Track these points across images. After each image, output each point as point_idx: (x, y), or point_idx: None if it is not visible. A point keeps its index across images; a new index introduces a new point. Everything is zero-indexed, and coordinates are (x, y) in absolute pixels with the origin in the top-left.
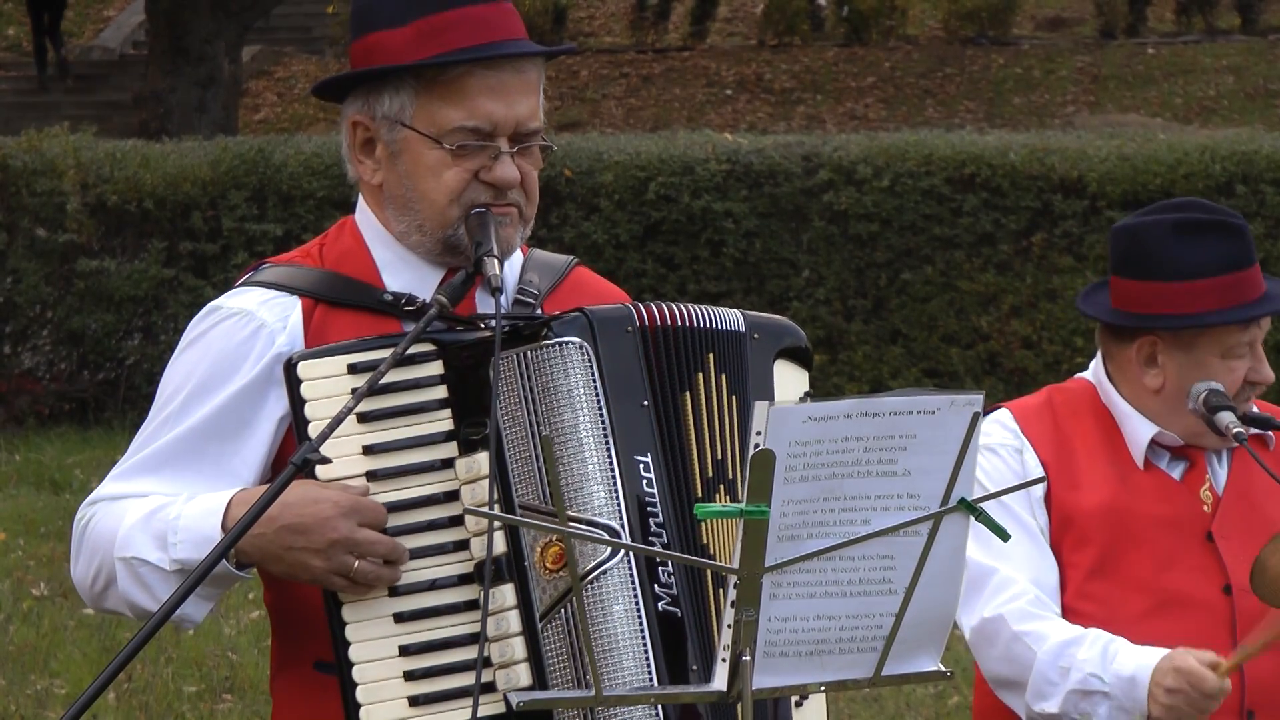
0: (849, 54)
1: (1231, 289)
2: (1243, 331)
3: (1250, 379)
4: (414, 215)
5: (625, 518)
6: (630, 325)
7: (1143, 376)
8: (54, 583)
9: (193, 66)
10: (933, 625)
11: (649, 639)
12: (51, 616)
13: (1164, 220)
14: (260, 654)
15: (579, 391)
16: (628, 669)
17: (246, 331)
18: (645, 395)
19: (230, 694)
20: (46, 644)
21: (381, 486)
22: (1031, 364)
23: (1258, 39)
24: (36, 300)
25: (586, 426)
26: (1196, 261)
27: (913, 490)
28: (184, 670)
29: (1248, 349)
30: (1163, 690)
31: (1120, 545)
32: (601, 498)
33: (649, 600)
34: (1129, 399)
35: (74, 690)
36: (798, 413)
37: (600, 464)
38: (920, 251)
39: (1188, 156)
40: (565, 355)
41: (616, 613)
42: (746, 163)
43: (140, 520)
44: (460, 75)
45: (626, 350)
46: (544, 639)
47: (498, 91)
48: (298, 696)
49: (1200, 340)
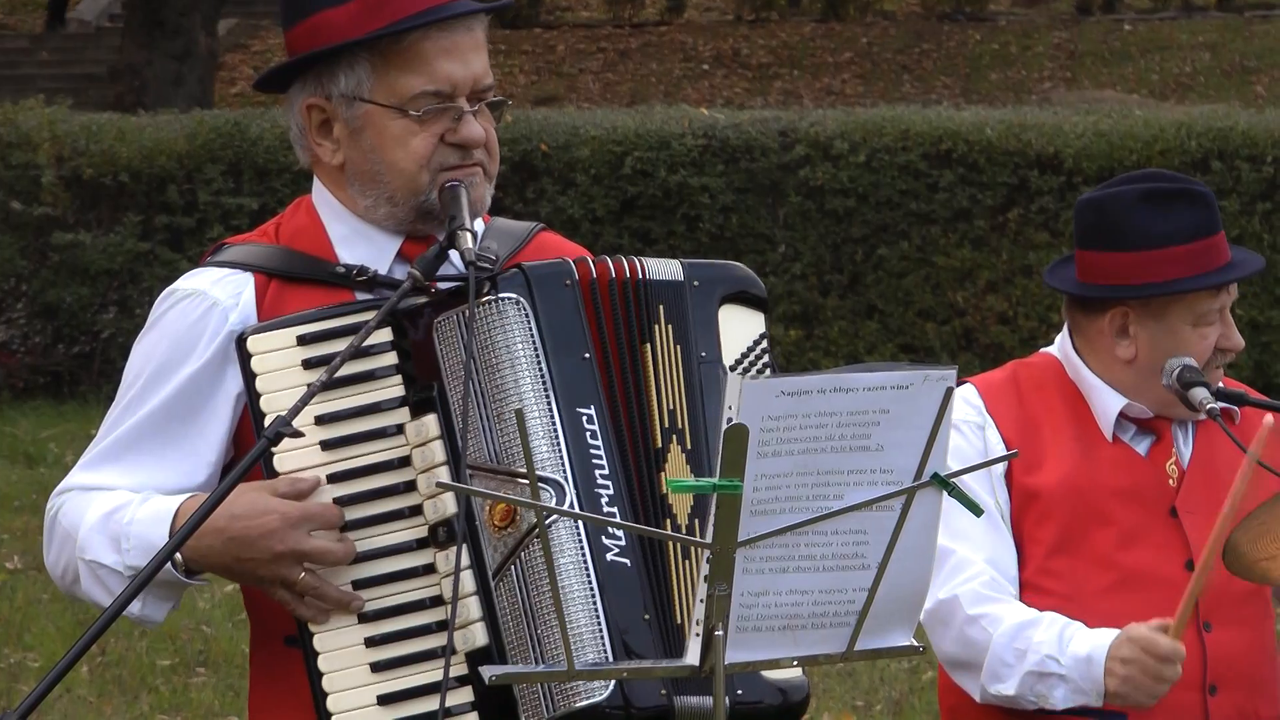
0: (826, 29)
1: (1201, 256)
2: (1213, 298)
3: (1221, 345)
4: (383, 188)
5: (568, 471)
6: (569, 279)
7: (1114, 348)
8: (28, 556)
9: (169, 40)
10: (905, 600)
11: (597, 590)
12: (25, 590)
13: (1130, 191)
14: (235, 628)
15: (518, 347)
16: (579, 623)
17: (199, 311)
18: (587, 348)
19: (204, 668)
20: (20, 618)
21: (334, 455)
22: (1007, 339)
23: (1234, 16)
24: (11, 273)
25: (526, 381)
26: (1165, 230)
27: (886, 465)
28: (158, 644)
29: (1218, 315)
30: (1118, 662)
31: (1083, 521)
32: (545, 452)
33: (597, 551)
34: (1098, 372)
35: (48, 664)
36: (771, 387)
37: (542, 418)
38: (896, 227)
39: (1164, 133)
40: (502, 312)
41: (564, 565)
42: (723, 138)
43: (98, 521)
44: (415, 41)
45: (565, 304)
46: (497, 598)
47: (453, 52)
48: (271, 672)
49: (1172, 308)
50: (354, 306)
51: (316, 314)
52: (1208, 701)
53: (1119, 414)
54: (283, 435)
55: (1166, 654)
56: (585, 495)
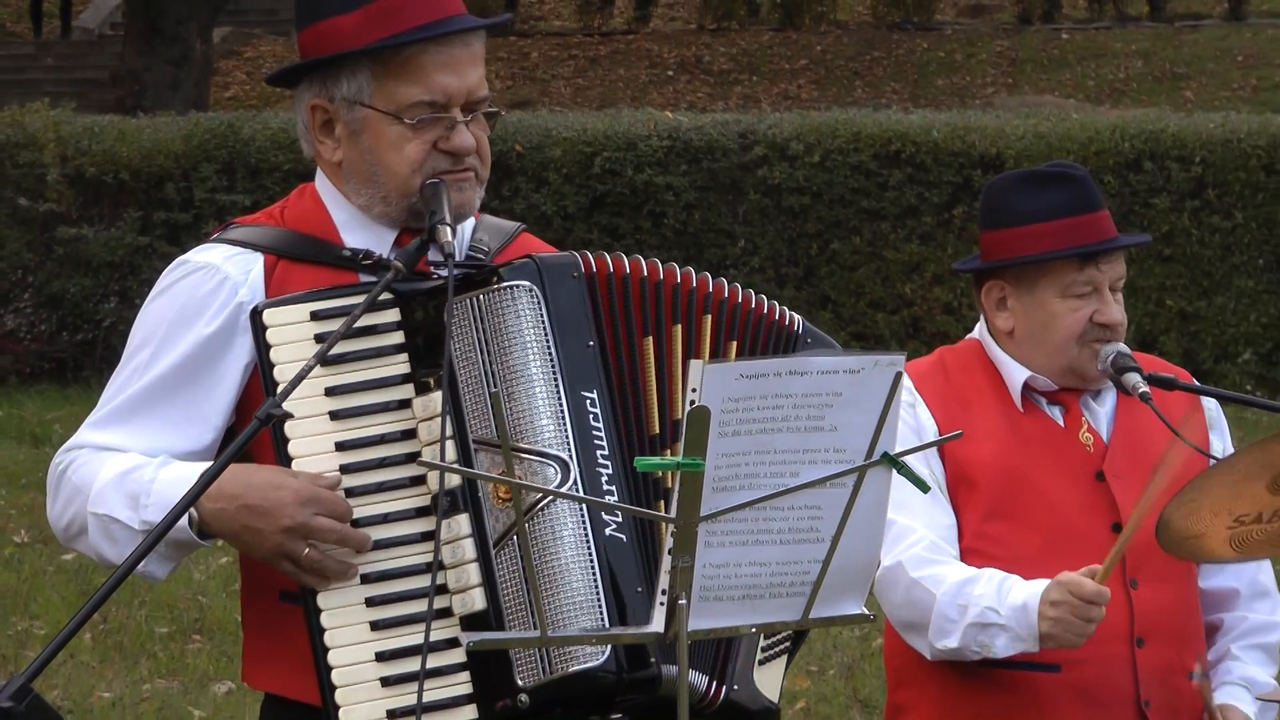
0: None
1: (1071, 231)
2: (1079, 271)
3: (1097, 320)
4: (378, 187)
5: (573, 449)
6: (576, 271)
7: (996, 320)
8: (34, 530)
9: (167, 46)
10: (857, 571)
11: (596, 563)
12: (32, 562)
13: (1013, 175)
14: (228, 597)
15: (529, 332)
16: (577, 591)
17: (212, 284)
18: (591, 336)
19: (199, 635)
20: (27, 588)
21: (342, 425)
22: (952, 328)
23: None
24: (18, 265)
25: (536, 364)
26: (1034, 207)
27: (839, 445)
28: (156, 613)
29: (1090, 289)
30: (1048, 605)
31: (1013, 488)
32: (550, 430)
33: (597, 526)
34: (1002, 347)
35: (53, 631)
36: (731, 370)
37: (549, 399)
38: (849, 223)
39: (1099, 135)
40: (515, 298)
41: (565, 538)
42: (686, 139)
43: (115, 479)
44: (414, 53)
45: (573, 294)
46: (497, 565)
47: (449, 65)
48: (266, 626)
49: (1041, 280)
50: (363, 287)
51: (329, 292)
52: (1135, 653)
53: (1030, 386)
54: (274, 417)
55: (1091, 595)
56: (587, 473)
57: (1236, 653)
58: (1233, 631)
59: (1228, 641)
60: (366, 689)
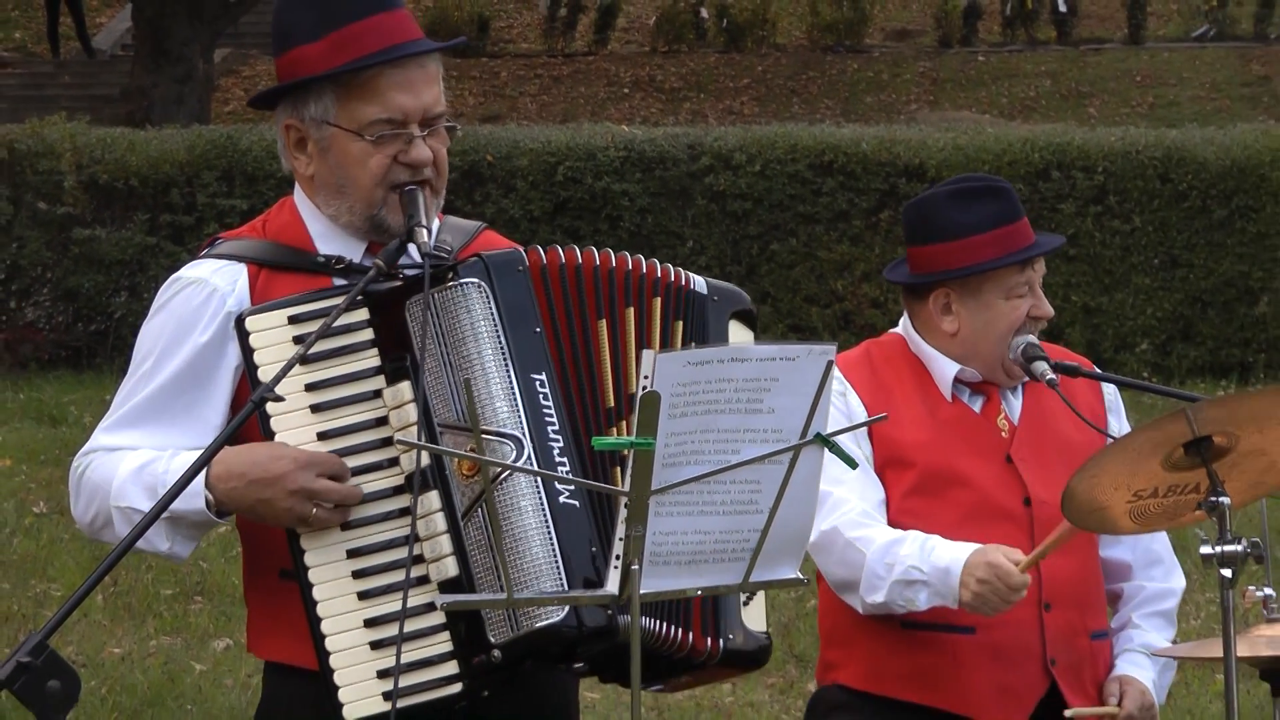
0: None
1: (1004, 239)
2: (1019, 273)
3: (1033, 314)
4: (345, 199)
5: (526, 428)
6: (521, 265)
7: (941, 324)
8: (52, 502)
9: (172, 66)
10: (792, 539)
11: (553, 528)
12: (49, 530)
13: (941, 192)
14: (227, 562)
15: (480, 324)
16: (537, 555)
17: (202, 296)
18: (538, 323)
19: (201, 596)
20: (45, 554)
21: (323, 417)
22: (880, 321)
23: (1071, 49)
24: (38, 263)
25: (489, 353)
26: (970, 221)
27: (776, 426)
28: (162, 576)
29: (1026, 289)
30: (974, 580)
31: (934, 467)
32: (505, 412)
33: (552, 495)
34: (934, 345)
35: (68, 593)
36: (679, 358)
37: (502, 383)
38: (786, 226)
39: (1011, 147)
40: (466, 294)
41: (524, 508)
42: (640, 150)
43: (132, 473)
44: (373, 76)
45: (519, 286)
46: (466, 535)
47: (405, 86)
48: (267, 602)
49: (985, 286)
50: (335, 291)
51: (303, 297)
52: (1043, 616)
53: (956, 378)
54: (266, 399)
55: (1017, 586)
56: (539, 448)
57: (1137, 620)
58: (1133, 600)
59: (1129, 610)
60: (358, 653)
